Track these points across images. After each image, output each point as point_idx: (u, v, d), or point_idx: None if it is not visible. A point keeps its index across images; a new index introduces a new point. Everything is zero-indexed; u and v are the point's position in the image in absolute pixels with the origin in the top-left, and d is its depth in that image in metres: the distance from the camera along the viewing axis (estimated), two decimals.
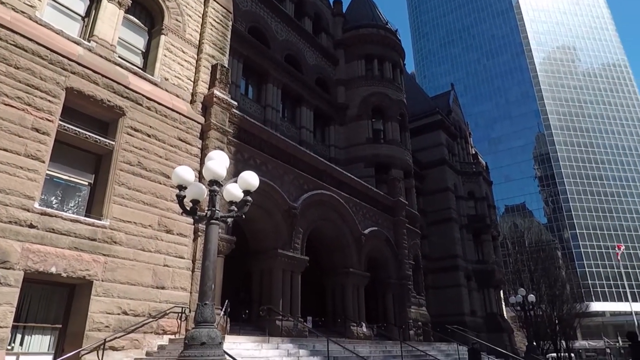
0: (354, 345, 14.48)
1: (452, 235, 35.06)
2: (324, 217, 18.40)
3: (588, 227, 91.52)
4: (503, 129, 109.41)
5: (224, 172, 6.63)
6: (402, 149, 28.53)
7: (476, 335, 28.27)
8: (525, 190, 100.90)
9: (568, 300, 50.31)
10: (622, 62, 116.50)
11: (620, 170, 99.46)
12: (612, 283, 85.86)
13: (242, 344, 11.36)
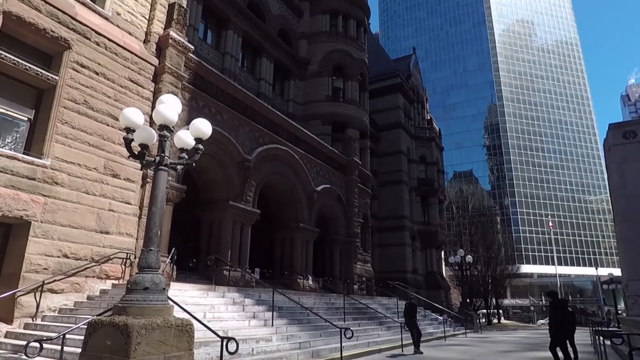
0: (299, 297, 15.00)
1: (402, 196, 36.27)
2: (278, 172, 18.41)
3: (526, 196, 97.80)
4: (459, 97, 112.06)
5: (175, 117, 6.40)
6: (360, 110, 28.64)
7: (416, 292, 30.12)
8: (474, 158, 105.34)
9: (502, 262, 54.25)
10: (574, 41, 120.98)
11: (560, 144, 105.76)
12: (541, 248, 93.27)
13: (188, 291, 11.44)
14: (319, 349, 11.43)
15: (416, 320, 14.40)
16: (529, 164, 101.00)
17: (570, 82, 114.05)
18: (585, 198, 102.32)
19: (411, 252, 36.02)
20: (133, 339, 5.06)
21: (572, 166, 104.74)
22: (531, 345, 17.99)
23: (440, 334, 19.97)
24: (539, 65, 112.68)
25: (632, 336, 9.66)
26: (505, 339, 21.70)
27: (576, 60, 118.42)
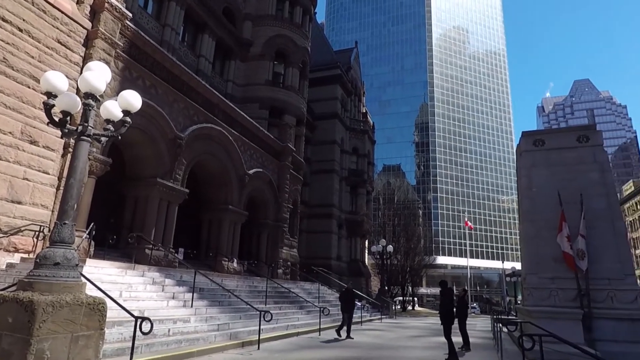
0: (222, 279, 14.88)
1: (332, 185, 37.01)
2: (211, 152, 17.95)
3: (447, 192, 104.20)
4: (394, 94, 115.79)
5: (103, 86, 6.00)
6: (299, 97, 28.64)
7: (339, 278, 31.09)
8: (403, 153, 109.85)
9: (420, 253, 57.50)
10: (502, 52, 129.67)
11: (481, 146, 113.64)
12: (456, 241, 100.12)
13: (105, 269, 10.91)
14: (237, 331, 11.47)
15: (354, 306, 14.56)
16: (452, 163, 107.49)
17: (494, 90, 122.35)
18: (498, 197, 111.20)
19: (337, 240, 36.98)
20: (38, 317, 4.76)
21: (490, 167, 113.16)
22: (439, 331, 19.27)
23: (357, 320, 20.81)
24: (469, 71, 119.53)
25: (524, 324, 10.81)
26: (416, 325, 23.15)
27: (502, 70, 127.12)
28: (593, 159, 12.57)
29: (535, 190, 13.06)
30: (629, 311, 10.95)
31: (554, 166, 12.94)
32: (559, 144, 13.17)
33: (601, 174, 12.31)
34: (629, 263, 11.79)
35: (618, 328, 10.95)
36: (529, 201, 13.18)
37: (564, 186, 12.47)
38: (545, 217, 12.55)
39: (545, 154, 13.20)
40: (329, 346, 12.11)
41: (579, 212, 11.93)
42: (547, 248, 12.21)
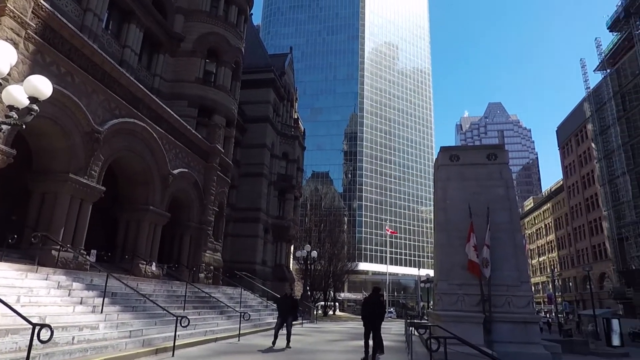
0: (138, 283, 14.16)
1: (260, 189, 36.75)
2: (132, 149, 17.01)
3: (371, 201, 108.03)
4: (326, 102, 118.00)
5: (6, 68, 5.50)
6: (230, 98, 28.16)
7: (262, 283, 30.89)
8: (332, 161, 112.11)
9: (343, 259, 58.86)
10: (428, 70, 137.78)
11: (404, 158, 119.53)
12: (378, 248, 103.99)
13: (3, 271, 9.90)
14: (151, 338, 10.97)
15: (297, 312, 13.90)
16: (377, 173, 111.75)
17: (419, 106, 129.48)
18: (418, 208, 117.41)
19: (262, 244, 36.73)
20: None
21: (411, 179, 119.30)
22: (357, 335, 19.96)
23: None
24: (397, 86, 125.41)
25: (434, 327, 11.53)
26: (336, 329, 23.66)
27: (426, 87, 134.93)
28: (500, 175, 13.83)
29: (449, 202, 14.03)
30: (523, 315, 12.16)
31: (467, 180, 14.02)
32: (472, 160, 14.31)
33: (506, 190, 13.58)
34: (524, 272, 13.09)
35: (514, 330, 12.09)
36: (443, 212, 14.13)
37: (474, 199, 13.56)
38: (457, 227, 13.53)
39: (459, 169, 14.26)
40: (247, 351, 12.00)
41: (486, 224, 13.03)
42: (457, 256, 13.16)
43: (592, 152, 69.31)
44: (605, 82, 63.99)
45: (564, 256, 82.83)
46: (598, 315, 37.04)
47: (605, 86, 63.94)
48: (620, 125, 59.86)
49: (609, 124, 62.44)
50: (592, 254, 70.79)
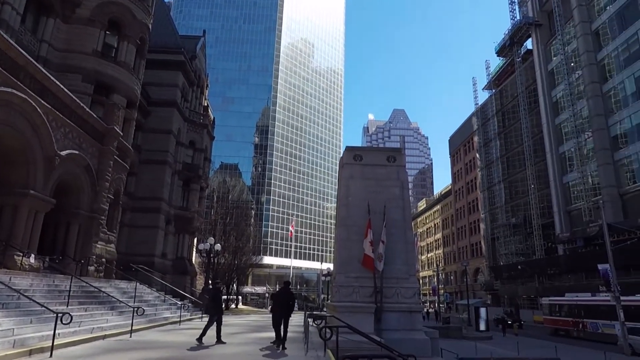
0: (11, 277, 12.61)
1: (163, 178, 34.78)
2: (10, 124, 14.99)
3: (280, 196, 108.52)
4: (239, 92, 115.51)
5: None
6: (133, 77, 26.17)
7: (162, 277, 29.33)
8: (242, 153, 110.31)
9: (248, 252, 58.34)
10: (340, 71, 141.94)
11: (313, 155, 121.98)
12: (283, 243, 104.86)
13: None
14: (25, 338, 9.85)
15: (222, 306, 13.42)
16: (286, 168, 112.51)
17: (330, 105, 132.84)
18: (323, 204, 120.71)
19: (163, 236, 34.87)
20: None
21: (319, 176, 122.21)
22: (257, 327, 20.00)
23: (176, 319, 20.00)
24: (311, 83, 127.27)
25: (330, 318, 11.97)
26: (237, 322, 23.40)
27: (338, 87, 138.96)
28: (397, 176, 14.79)
29: (351, 199, 14.65)
30: (409, 305, 13.19)
31: (368, 179, 14.77)
32: (373, 160, 15.10)
33: (401, 190, 14.58)
34: (413, 266, 14.22)
35: (401, 319, 13.07)
36: (345, 208, 14.71)
37: (373, 197, 14.34)
38: (356, 223, 14.19)
39: (361, 168, 14.95)
40: (139, 347, 11.34)
41: (382, 221, 13.85)
42: (355, 251, 13.81)
43: (476, 162, 77.19)
44: (490, 101, 71.64)
45: (448, 253, 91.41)
46: (471, 304, 41.57)
47: (490, 104, 71.57)
48: (499, 140, 67.47)
49: (491, 137, 70.05)
50: (471, 251, 79.16)
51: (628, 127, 42.46)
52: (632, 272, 36.46)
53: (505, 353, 17.89)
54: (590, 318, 31.40)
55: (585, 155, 46.74)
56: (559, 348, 19.02)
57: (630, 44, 42.82)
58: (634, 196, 41.22)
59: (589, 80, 46.56)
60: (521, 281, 55.68)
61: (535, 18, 58.43)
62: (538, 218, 54.78)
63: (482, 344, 20.24)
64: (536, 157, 56.74)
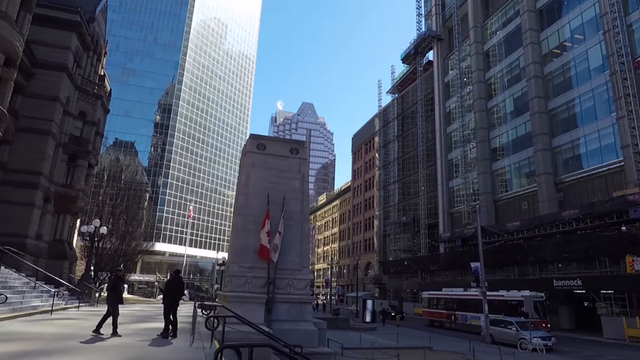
0: None
1: (44, 150, 31.09)
2: None
3: (178, 180, 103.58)
4: (142, 65, 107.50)
5: None
6: (14, 30, 22.90)
7: (34, 261, 26.25)
8: (140, 131, 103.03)
9: (139, 237, 54.90)
10: (252, 57, 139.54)
11: (218, 140, 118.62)
12: (179, 229, 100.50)
13: None
14: None
15: (122, 296, 12.45)
16: (188, 151, 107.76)
17: (239, 91, 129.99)
18: (224, 192, 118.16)
19: (39, 215, 31.22)
20: None
21: (222, 162, 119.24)
22: (143, 317, 18.98)
23: (47, 308, 18.17)
24: (221, 66, 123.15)
25: (221, 308, 11.85)
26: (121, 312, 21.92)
27: (249, 74, 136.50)
28: (298, 169, 15.07)
29: (251, 188, 14.59)
30: (300, 296, 13.60)
31: (269, 169, 14.83)
32: (276, 151, 15.19)
33: (301, 183, 14.89)
34: (306, 257, 14.66)
35: (291, 309, 13.41)
36: (244, 197, 14.60)
37: (274, 188, 14.45)
38: (254, 213, 14.18)
39: (264, 158, 14.96)
40: None
41: (281, 212, 14.04)
42: (251, 240, 13.81)
43: (375, 161, 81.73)
44: (392, 104, 76.25)
45: (343, 247, 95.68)
46: (359, 297, 44.18)
47: (392, 108, 76.17)
48: (398, 142, 72.25)
49: (390, 139, 74.68)
50: (364, 246, 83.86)
51: (505, 142, 48.25)
52: (498, 270, 41.68)
53: (386, 342, 19.33)
54: (461, 311, 35.20)
55: (469, 164, 52.11)
56: (432, 338, 21.09)
57: (512, 68, 48.63)
58: (505, 203, 47.06)
59: (477, 96, 51.90)
60: (406, 276, 60.41)
61: (437, 32, 63.36)
62: (425, 218, 59.83)
63: (366, 335, 21.62)
64: (428, 161, 61.77)
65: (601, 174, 36.47)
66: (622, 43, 34.46)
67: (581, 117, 39.18)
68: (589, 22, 39.41)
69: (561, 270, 36.21)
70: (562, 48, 42.66)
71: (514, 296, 30.57)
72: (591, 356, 21.69)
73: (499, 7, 52.59)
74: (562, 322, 35.86)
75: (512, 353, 16.54)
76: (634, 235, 28.56)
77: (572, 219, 34.93)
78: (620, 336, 28.57)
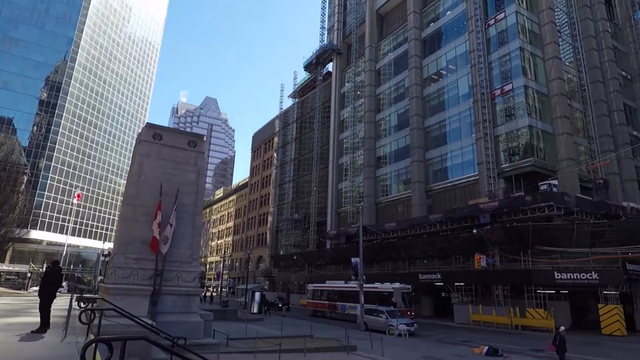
0: None
1: None
2: None
3: (64, 164, 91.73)
4: (28, 36, 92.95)
5: None
6: None
7: None
8: (21, 107, 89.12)
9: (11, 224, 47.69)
10: (157, 44, 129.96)
11: (113, 126, 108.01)
12: (60, 217, 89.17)
13: None
14: None
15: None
16: (78, 134, 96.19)
17: (140, 77, 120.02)
18: (116, 180, 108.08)
19: None
20: None
21: (116, 149, 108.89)
22: (9, 312, 16.58)
23: None
24: (122, 49, 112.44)
25: (101, 300, 10.73)
26: None
27: (152, 61, 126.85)
28: (195, 162, 14.33)
29: (143, 178, 13.49)
30: (188, 288, 12.93)
31: (164, 160, 13.85)
32: (173, 142, 14.25)
33: (197, 176, 14.18)
34: (197, 250, 14.00)
35: (178, 302, 12.68)
36: (135, 187, 13.45)
37: (168, 180, 13.54)
38: (145, 203, 13.13)
39: (160, 148, 13.94)
40: None
41: (174, 204, 13.21)
42: (139, 231, 12.76)
43: (273, 160, 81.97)
44: (292, 108, 77.23)
45: (237, 241, 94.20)
46: (249, 289, 43.84)
47: (292, 111, 77.13)
48: (295, 144, 73.38)
49: (289, 141, 75.56)
50: (257, 240, 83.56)
51: (388, 151, 51.82)
52: (375, 265, 44.52)
53: (271, 332, 19.35)
54: (341, 301, 36.78)
55: (356, 169, 54.92)
56: (314, 327, 21.70)
57: (399, 87, 52.49)
58: (385, 205, 50.50)
59: (367, 108, 54.97)
60: (295, 269, 61.46)
61: (338, 47, 65.73)
62: (315, 216, 61.56)
63: (253, 325, 21.40)
64: (322, 164, 63.67)
65: (462, 185, 41.13)
66: (484, 77, 39.31)
67: (449, 136, 43.76)
68: (461, 56, 44.21)
69: (426, 265, 39.92)
70: (439, 75, 47.19)
71: (386, 288, 32.81)
72: (443, 338, 24.24)
73: (391, 32, 56.35)
74: (423, 310, 39.59)
75: (380, 338, 17.73)
76: (482, 237, 32.69)
77: (437, 222, 38.80)
78: (467, 321, 32.52)
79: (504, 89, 38.29)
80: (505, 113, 37.95)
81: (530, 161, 34.72)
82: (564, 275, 28.12)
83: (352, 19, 63.05)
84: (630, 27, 47.77)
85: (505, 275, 31.90)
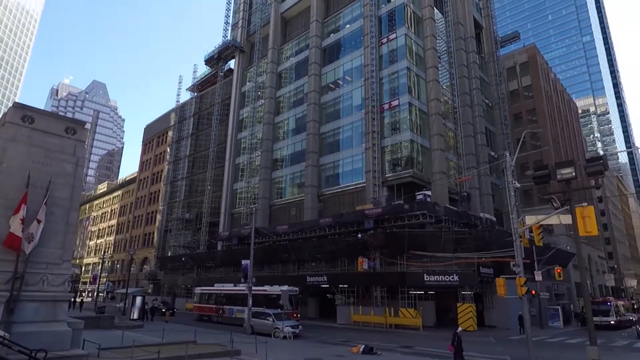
0: None
1: None
2: None
3: None
4: None
5: None
6: None
7: None
8: None
9: None
10: (36, 15, 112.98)
11: None
12: None
13: None
14: None
15: None
16: None
17: (12, 50, 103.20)
18: None
19: None
20: None
21: None
22: None
23: None
24: None
25: None
26: None
27: (29, 33, 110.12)
28: (73, 151, 12.66)
29: (6, 165, 11.52)
30: (55, 293, 11.30)
31: (35, 147, 11.99)
32: (48, 127, 12.42)
33: (75, 168, 12.53)
34: (69, 250, 12.34)
35: (41, 309, 11.01)
36: None
37: (38, 169, 11.75)
38: (6, 195, 11.20)
39: (29, 132, 12.03)
40: None
41: (44, 198, 11.51)
42: None
43: (166, 155, 76.95)
44: (190, 102, 73.57)
45: (120, 240, 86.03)
46: (129, 293, 40.27)
47: (189, 105, 73.46)
48: (191, 140, 69.96)
49: (184, 136, 71.73)
50: (143, 240, 77.32)
51: (285, 154, 52.33)
52: (266, 267, 44.41)
53: (150, 339, 17.92)
54: (229, 305, 35.75)
55: (253, 170, 54.34)
56: (199, 332, 20.67)
57: (298, 91, 53.48)
58: (278, 208, 50.78)
59: (267, 110, 54.90)
60: (182, 272, 58.20)
61: (241, 44, 64.49)
62: (208, 216, 59.20)
63: (131, 332, 19.60)
64: (218, 162, 61.60)
65: (350, 191, 43.40)
66: (375, 90, 42.16)
67: (342, 143, 45.90)
68: (357, 69, 46.81)
69: (314, 268, 41.12)
70: (336, 84, 49.28)
71: (274, 290, 32.81)
72: (326, 339, 25.11)
73: (294, 37, 57.20)
74: (309, 312, 40.66)
75: (265, 341, 17.68)
76: (365, 241, 34.87)
77: (327, 226, 40.28)
78: (349, 321, 34.25)
79: (391, 104, 41.54)
80: (391, 126, 41.15)
81: (410, 172, 38.13)
82: (432, 278, 31.43)
83: (257, 18, 62.46)
84: (493, 62, 55.76)
85: (383, 278, 34.39)
